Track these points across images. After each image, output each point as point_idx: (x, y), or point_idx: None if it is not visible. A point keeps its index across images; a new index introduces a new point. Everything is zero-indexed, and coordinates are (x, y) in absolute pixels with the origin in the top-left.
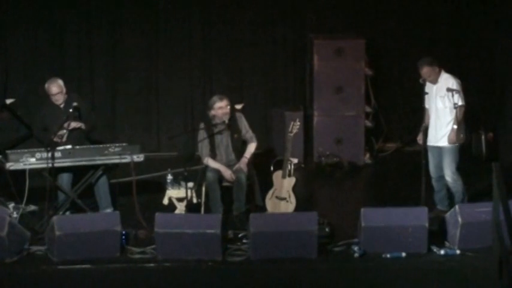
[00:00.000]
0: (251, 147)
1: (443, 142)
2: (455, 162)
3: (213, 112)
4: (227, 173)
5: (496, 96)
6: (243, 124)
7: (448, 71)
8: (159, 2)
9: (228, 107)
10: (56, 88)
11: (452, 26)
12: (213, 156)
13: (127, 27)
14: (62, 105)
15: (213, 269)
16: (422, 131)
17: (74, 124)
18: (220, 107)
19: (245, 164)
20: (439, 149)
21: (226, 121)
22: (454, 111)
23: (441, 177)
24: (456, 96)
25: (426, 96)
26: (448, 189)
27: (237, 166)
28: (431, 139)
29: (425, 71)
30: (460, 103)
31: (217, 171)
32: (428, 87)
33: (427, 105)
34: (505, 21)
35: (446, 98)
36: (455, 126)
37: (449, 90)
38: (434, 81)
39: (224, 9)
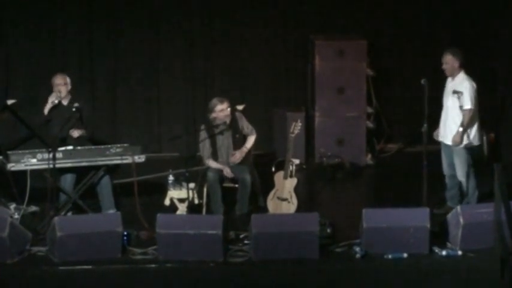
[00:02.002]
0: (251, 140)
1: (451, 141)
2: (467, 163)
3: (214, 115)
4: (227, 170)
5: (497, 97)
6: (244, 124)
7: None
8: (160, 2)
9: (229, 108)
10: (60, 80)
11: (454, 27)
12: (215, 157)
13: (128, 28)
14: (65, 102)
15: (214, 269)
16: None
17: (76, 133)
18: (222, 110)
19: (242, 154)
20: (450, 148)
21: (228, 122)
22: (462, 113)
23: (453, 176)
24: (465, 98)
25: (444, 92)
26: (460, 188)
27: (233, 155)
28: (441, 135)
29: (446, 58)
30: (467, 106)
31: (218, 172)
32: (446, 86)
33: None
34: (506, 21)
35: (456, 98)
36: (460, 129)
37: (455, 92)
38: (448, 73)
39: (225, 10)
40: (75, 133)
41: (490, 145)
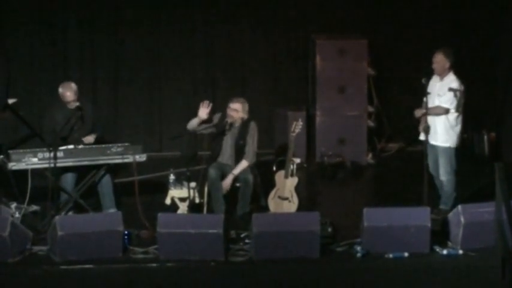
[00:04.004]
0: (242, 164)
1: (439, 142)
2: (451, 163)
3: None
4: (225, 185)
5: (498, 96)
6: (251, 140)
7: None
8: (161, 3)
9: (235, 111)
10: (72, 94)
11: (454, 26)
12: (219, 150)
13: (129, 27)
14: (72, 107)
15: (215, 269)
16: (424, 130)
17: (89, 139)
18: (228, 107)
19: (229, 181)
20: (436, 148)
21: (235, 124)
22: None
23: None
24: (447, 99)
25: (429, 91)
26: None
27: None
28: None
29: (438, 58)
30: (445, 105)
31: (220, 170)
32: (431, 85)
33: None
34: (506, 21)
35: (443, 98)
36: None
37: (451, 89)
38: (438, 72)
39: (226, 10)
40: (88, 139)
41: (491, 144)
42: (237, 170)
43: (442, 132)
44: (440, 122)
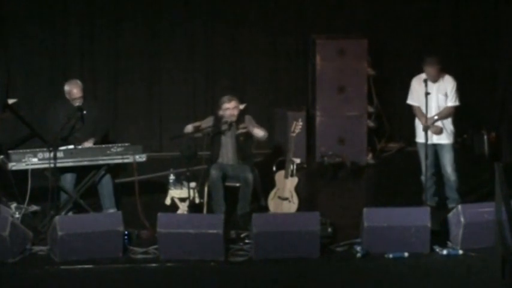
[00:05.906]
0: (261, 130)
1: (444, 140)
2: (454, 160)
3: (220, 112)
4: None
5: (498, 96)
6: (252, 123)
7: (450, 71)
8: (161, 2)
9: (236, 109)
10: (78, 91)
11: (454, 25)
12: (218, 152)
13: (129, 27)
14: (77, 104)
15: (215, 269)
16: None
17: (87, 145)
18: (227, 108)
19: (252, 126)
20: (436, 146)
21: (233, 122)
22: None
23: (433, 175)
24: (454, 96)
25: (418, 95)
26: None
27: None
28: (432, 137)
29: (436, 69)
30: (457, 103)
31: (221, 170)
32: (423, 87)
33: (416, 103)
34: (506, 20)
35: (450, 98)
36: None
37: (454, 86)
38: (436, 79)
39: (226, 10)
40: (87, 144)
41: (491, 144)
42: (256, 130)
43: (451, 130)
44: (448, 121)
